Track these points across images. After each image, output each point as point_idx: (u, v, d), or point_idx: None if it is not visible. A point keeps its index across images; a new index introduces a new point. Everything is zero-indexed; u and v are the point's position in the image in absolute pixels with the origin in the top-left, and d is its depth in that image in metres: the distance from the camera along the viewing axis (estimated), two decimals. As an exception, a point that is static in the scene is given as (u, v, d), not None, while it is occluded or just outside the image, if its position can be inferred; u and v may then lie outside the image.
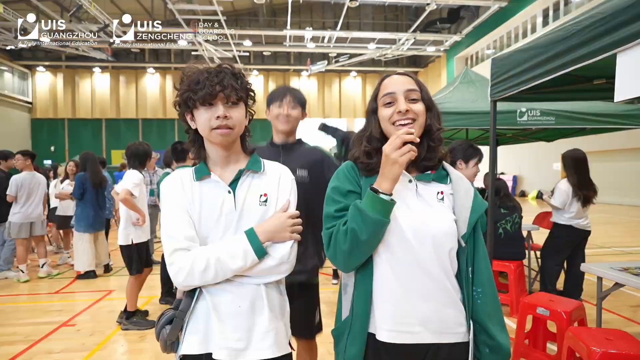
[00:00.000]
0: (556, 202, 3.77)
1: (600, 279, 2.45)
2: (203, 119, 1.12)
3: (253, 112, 1.26)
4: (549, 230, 4.06)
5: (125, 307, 3.46)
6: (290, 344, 1.23)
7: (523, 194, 17.89)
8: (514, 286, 3.62)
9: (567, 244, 3.84)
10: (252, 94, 1.22)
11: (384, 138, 1.11)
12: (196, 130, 1.18)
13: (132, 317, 3.44)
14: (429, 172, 1.13)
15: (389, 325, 1.05)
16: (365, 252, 1.04)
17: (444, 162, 1.17)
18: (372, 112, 1.16)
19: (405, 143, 0.99)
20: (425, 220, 1.05)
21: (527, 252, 4.08)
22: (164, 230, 1.14)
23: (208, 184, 1.18)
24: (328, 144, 5.16)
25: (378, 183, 1.02)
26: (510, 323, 3.42)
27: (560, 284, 4.41)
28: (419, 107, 1.10)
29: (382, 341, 1.05)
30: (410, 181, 1.11)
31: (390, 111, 1.10)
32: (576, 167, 3.75)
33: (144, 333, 3.30)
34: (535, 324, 2.78)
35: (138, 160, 3.49)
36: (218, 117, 1.11)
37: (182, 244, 1.10)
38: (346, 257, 1.04)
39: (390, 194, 1.00)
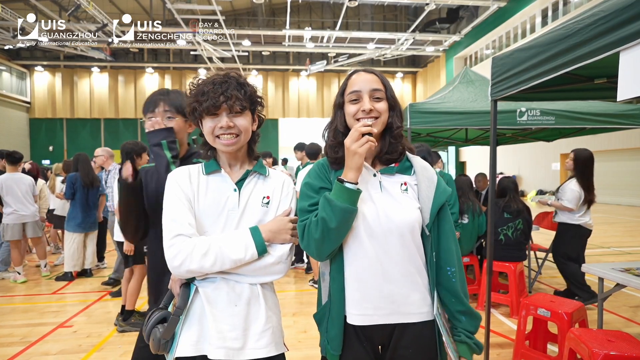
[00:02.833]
0: (571, 204, 3.69)
1: (601, 279, 2.43)
2: (207, 128, 1.18)
3: (263, 117, 1.30)
4: (554, 234, 3.96)
5: (122, 309, 3.43)
6: (284, 344, 1.24)
7: (522, 194, 17.90)
8: (514, 287, 3.60)
9: (581, 243, 3.79)
10: (260, 99, 1.26)
11: (348, 132, 1.17)
12: None
13: (129, 318, 3.40)
14: (392, 165, 1.21)
15: (356, 310, 1.15)
16: (335, 240, 1.11)
17: (407, 154, 1.24)
18: (338, 106, 1.24)
19: (364, 135, 1.07)
20: (388, 212, 1.13)
21: (527, 252, 4.06)
22: (167, 214, 1.16)
23: (216, 178, 1.23)
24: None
25: (344, 174, 1.10)
26: (511, 324, 3.41)
27: (560, 284, 4.40)
28: (382, 105, 1.17)
29: (352, 324, 1.15)
30: (374, 175, 1.19)
31: (356, 108, 1.17)
32: (588, 166, 3.76)
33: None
34: (535, 325, 2.77)
35: (129, 158, 3.40)
36: (222, 127, 1.15)
37: (186, 230, 1.12)
38: (318, 245, 1.11)
39: (356, 183, 1.08)
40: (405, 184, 1.19)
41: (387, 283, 1.13)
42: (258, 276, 1.16)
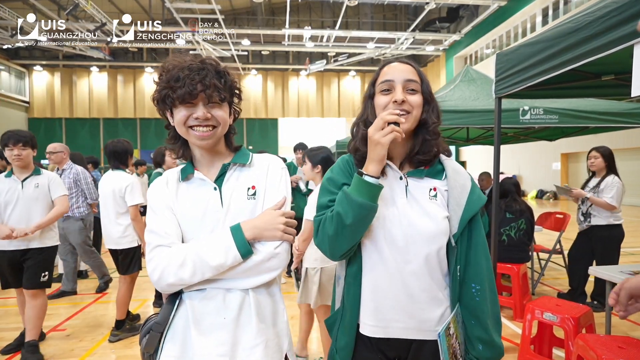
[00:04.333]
0: (615, 202, 3.51)
1: (609, 282, 2.35)
2: (180, 117, 1.03)
3: (239, 110, 1.17)
4: (595, 243, 3.71)
5: (116, 321, 3.25)
6: (287, 356, 1.11)
7: (522, 194, 17.83)
8: (518, 289, 3.53)
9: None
10: (238, 92, 1.13)
11: None
12: None
13: (122, 326, 3.27)
14: (422, 167, 1.10)
15: (371, 321, 1.07)
16: (349, 238, 1.01)
17: (441, 156, 1.13)
18: (369, 97, 1.13)
19: (389, 124, 0.97)
20: (412, 220, 1.03)
21: (530, 254, 3.98)
22: (148, 226, 1.08)
23: (193, 182, 1.12)
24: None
25: (365, 166, 1.00)
26: (514, 327, 3.33)
27: (562, 286, 4.33)
28: (416, 99, 1.06)
29: (365, 335, 1.08)
30: (400, 178, 1.08)
31: (387, 99, 1.06)
32: (614, 161, 3.75)
33: (134, 338, 3.19)
34: (541, 329, 2.69)
35: (118, 159, 3.23)
36: (197, 117, 1.02)
37: (164, 240, 1.03)
38: (332, 242, 1.03)
39: (377, 177, 0.98)
40: (434, 189, 1.07)
41: (405, 296, 1.04)
42: (251, 277, 1.02)
